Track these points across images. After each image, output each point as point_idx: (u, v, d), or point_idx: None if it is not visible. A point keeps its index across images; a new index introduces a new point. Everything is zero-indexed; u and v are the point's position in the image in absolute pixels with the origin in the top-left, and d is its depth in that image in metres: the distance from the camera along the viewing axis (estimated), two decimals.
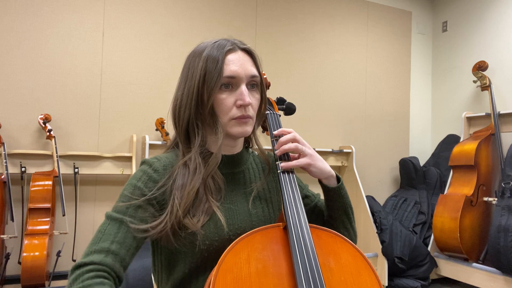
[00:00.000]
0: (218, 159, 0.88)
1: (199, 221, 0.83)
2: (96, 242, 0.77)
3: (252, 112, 0.89)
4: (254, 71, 0.89)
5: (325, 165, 0.93)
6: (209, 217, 0.85)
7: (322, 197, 1.04)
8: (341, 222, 0.97)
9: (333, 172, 0.95)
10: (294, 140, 0.91)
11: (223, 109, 0.87)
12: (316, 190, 1.08)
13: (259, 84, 0.92)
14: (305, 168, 0.92)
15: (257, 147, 0.99)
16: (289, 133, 0.93)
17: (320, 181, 0.96)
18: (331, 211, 0.97)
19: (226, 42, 0.89)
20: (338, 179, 0.96)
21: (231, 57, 0.87)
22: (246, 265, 0.71)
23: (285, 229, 0.81)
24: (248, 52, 0.91)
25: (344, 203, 0.96)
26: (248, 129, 0.89)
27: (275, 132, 0.95)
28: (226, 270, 0.70)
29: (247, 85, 0.88)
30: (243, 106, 0.87)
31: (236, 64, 0.87)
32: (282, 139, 0.91)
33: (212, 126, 0.89)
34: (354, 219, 1.00)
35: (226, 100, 0.87)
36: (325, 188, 0.95)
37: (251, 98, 0.88)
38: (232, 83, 0.87)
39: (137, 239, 0.80)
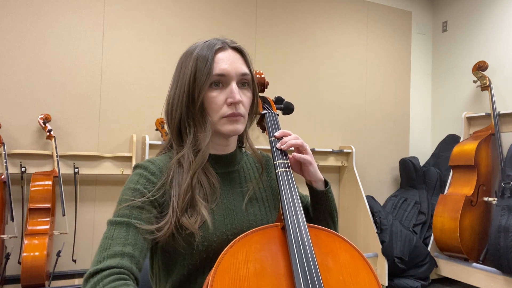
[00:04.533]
0: (205, 156, 0.88)
1: (197, 222, 0.83)
2: (107, 248, 0.73)
3: (243, 110, 0.89)
4: (244, 69, 0.89)
5: (317, 169, 0.97)
6: (205, 217, 0.85)
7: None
8: (326, 224, 0.99)
9: (322, 177, 0.98)
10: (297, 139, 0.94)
11: (213, 107, 0.87)
12: (303, 192, 1.09)
13: (250, 83, 0.92)
14: (304, 167, 0.94)
15: (249, 146, 0.99)
16: (290, 134, 0.95)
17: (309, 184, 0.98)
18: (318, 213, 0.99)
19: (216, 41, 0.90)
20: (326, 183, 0.98)
21: (221, 55, 0.88)
22: (244, 265, 0.71)
23: (283, 229, 0.81)
24: (239, 51, 0.91)
25: (331, 206, 0.99)
26: (239, 127, 0.89)
27: (276, 134, 0.95)
28: (224, 270, 0.70)
29: (237, 83, 0.88)
30: (234, 104, 0.87)
31: (226, 62, 0.87)
32: (286, 138, 0.93)
33: (201, 124, 0.89)
34: (338, 221, 1.02)
35: (217, 98, 0.87)
36: (314, 191, 0.97)
37: (242, 96, 0.88)
38: (222, 81, 0.87)
39: (147, 240, 0.78)
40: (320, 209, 0.98)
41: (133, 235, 0.76)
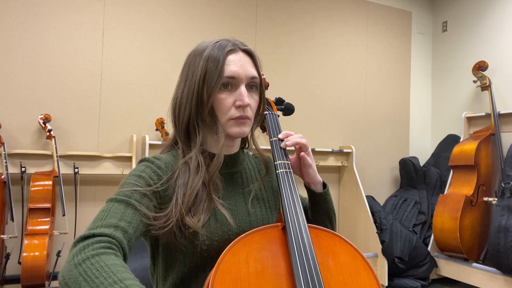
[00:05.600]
0: (221, 160, 0.88)
1: (200, 220, 0.83)
2: (101, 219, 0.71)
3: (250, 113, 0.89)
4: (254, 72, 0.89)
5: (316, 171, 0.98)
6: (209, 216, 0.85)
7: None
8: (324, 226, 0.99)
9: (321, 179, 0.98)
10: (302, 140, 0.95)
11: (222, 109, 0.87)
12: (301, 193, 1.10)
13: (258, 86, 0.92)
14: (304, 168, 0.95)
15: (254, 147, 1.00)
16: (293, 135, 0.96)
17: (307, 187, 0.98)
18: (316, 215, 1.00)
19: (227, 43, 0.90)
20: (324, 185, 0.99)
21: (231, 57, 0.88)
22: (244, 265, 0.71)
23: (284, 229, 0.81)
24: (249, 53, 0.92)
25: (329, 208, 0.99)
26: (246, 129, 0.90)
27: (280, 136, 0.96)
28: (225, 270, 0.70)
29: (246, 86, 0.89)
30: (242, 107, 0.87)
31: (237, 64, 0.87)
32: (293, 136, 0.94)
33: (211, 126, 0.89)
34: (336, 224, 1.02)
35: (225, 100, 0.87)
36: (312, 193, 0.98)
37: (250, 99, 0.88)
38: (231, 84, 0.87)
39: (143, 223, 0.77)
40: (319, 211, 0.99)
41: (130, 214, 0.75)
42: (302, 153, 0.93)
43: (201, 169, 0.87)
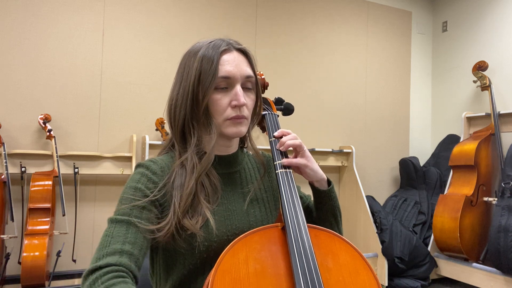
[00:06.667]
0: (211, 159, 0.88)
1: (198, 222, 0.83)
2: (106, 246, 0.73)
3: (247, 112, 0.89)
4: (249, 71, 0.89)
5: (319, 168, 0.96)
6: (207, 217, 0.85)
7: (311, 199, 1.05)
8: (329, 224, 0.98)
9: (324, 176, 0.97)
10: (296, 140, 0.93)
11: (217, 109, 0.87)
12: (306, 191, 1.09)
13: (254, 85, 0.92)
14: (301, 169, 0.93)
15: (251, 147, 0.99)
16: (289, 133, 0.95)
17: (311, 184, 0.97)
18: (320, 213, 0.99)
19: (221, 42, 0.89)
20: (329, 182, 0.97)
21: (226, 57, 0.87)
22: (244, 265, 0.71)
23: (283, 229, 0.81)
24: (244, 52, 0.91)
25: (333, 206, 0.98)
26: (243, 129, 0.89)
27: (275, 134, 0.95)
28: (224, 271, 0.70)
29: (242, 86, 0.88)
30: (238, 107, 0.86)
31: (231, 64, 0.86)
32: (285, 137, 0.92)
33: (206, 126, 0.88)
34: (341, 222, 1.01)
35: (221, 100, 0.87)
36: (316, 190, 0.97)
37: (246, 99, 0.88)
38: (227, 83, 0.87)
39: (147, 239, 0.78)
40: (323, 209, 0.98)
41: (133, 233, 0.76)
42: (290, 161, 0.91)
43: (196, 170, 0.86)
